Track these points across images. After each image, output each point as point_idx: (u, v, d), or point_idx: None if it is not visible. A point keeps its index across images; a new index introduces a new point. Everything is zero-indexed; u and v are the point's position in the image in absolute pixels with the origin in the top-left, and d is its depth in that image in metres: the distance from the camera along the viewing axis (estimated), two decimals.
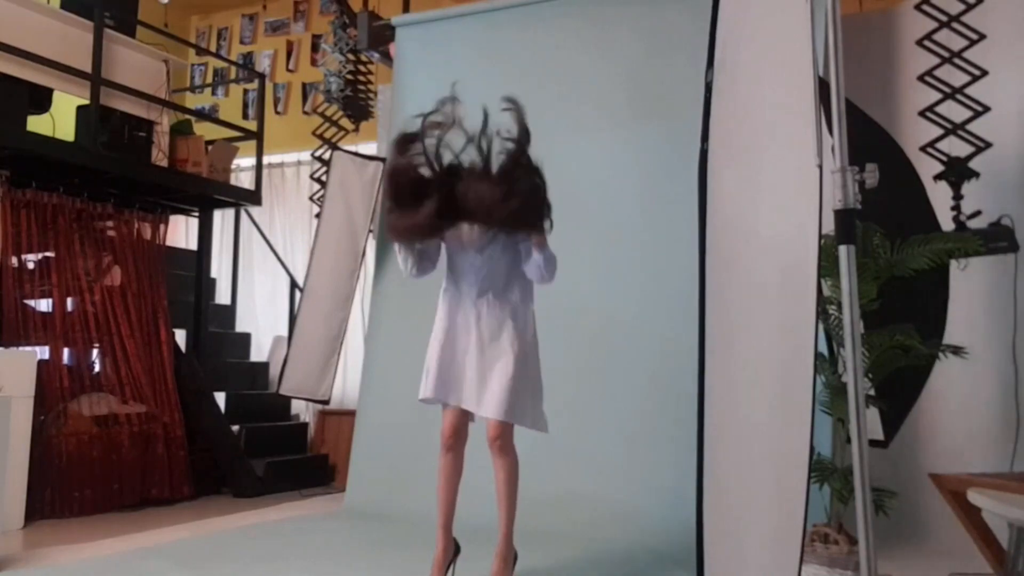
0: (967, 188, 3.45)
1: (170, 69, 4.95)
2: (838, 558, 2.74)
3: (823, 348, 3.04)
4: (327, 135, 5.20)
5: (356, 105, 5.03)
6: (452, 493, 2.72)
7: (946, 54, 3.48)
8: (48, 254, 4.35)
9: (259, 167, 5.53)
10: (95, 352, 4.49)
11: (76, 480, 4.07)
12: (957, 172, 3.44)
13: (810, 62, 1.82)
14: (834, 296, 2.91)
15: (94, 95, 4.34)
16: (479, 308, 2.65)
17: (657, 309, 3.77)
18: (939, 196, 3.70)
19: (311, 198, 5.41)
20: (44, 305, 4.35)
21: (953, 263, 3.44)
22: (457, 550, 2.78)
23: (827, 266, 2.63)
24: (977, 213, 3.42)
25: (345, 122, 5.17)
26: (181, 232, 6.66)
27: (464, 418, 2.72)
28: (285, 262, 6.35)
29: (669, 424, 3.53)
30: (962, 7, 3.46)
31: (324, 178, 4.81)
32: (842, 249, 1.76)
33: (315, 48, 7.08)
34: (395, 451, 4.18)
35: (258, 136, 5.53)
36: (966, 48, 3.45)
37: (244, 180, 6.06)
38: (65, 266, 4.35)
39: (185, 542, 3.49)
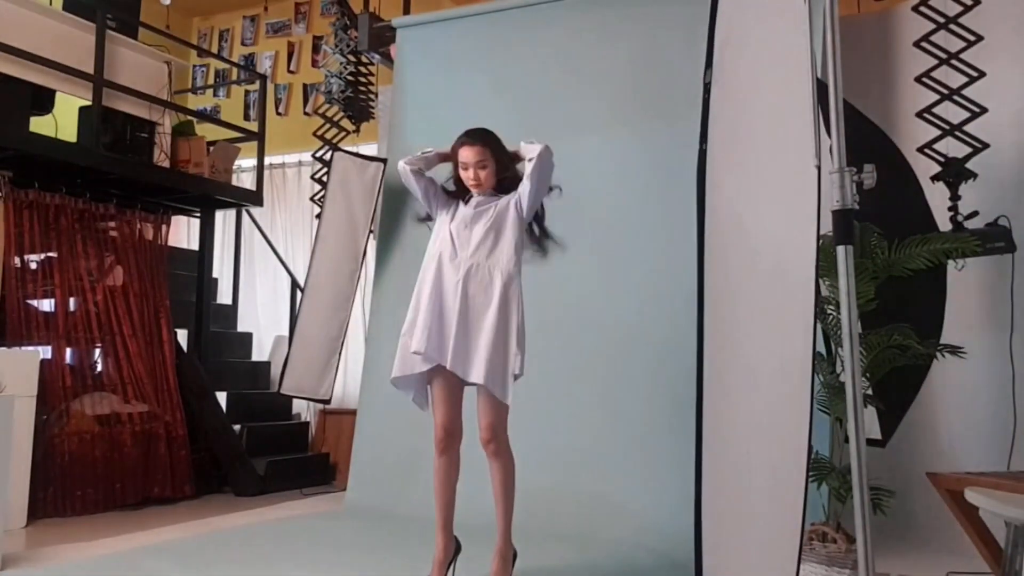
0: (964, 189, 3.46)
1: (172, 70, 4.97)
2: (836, 557, 2.76)
3: (821, 348, 3.06)
4: (328, 136, 5.21)
5: (357, 106, 5.04)
6: (450, 494, 2.73)
7: (943, 55, 3.49)
8: (51, 254, 4.36)
9: (260, 168, 5.55)
10: (97, 352, 4.51)
11: (78, 479, 4.09)
12: (954, 173, 3.45)
13: (808, 63, 1.84)
14: (832, 296, 2.92)
15: (96, 96, 4.35)
16: (470, 279, 2.65)
17: (657, 308, 3.78)
18: (937, 197, 3.72)
19: (312, 199, 5.42)
20: (47, 305, 4.37)
21: (950, 263, 3.45)
22: (458, 549, 2.79)
23: (825, 266, 2.64)
24: (974, 214, 3.43)
25: (346, 123, 5.19)
26: (183, 232, 6.68)
27: (456, 416, 2.72)
28: (286, 262, 6.36)
29: (668, 423, 3.55)
30: (959, 9, 3.48)
31: (325, 179, 4.83)
32: (840, 249, 1.78)
33: (316, 49, 7.09)
34: (395, 450, 4.19)
35: (259, 137, 5.55)
36: (963, 50, 3.46)
37: (245, 181, 6.08)
38: (67, 266, 4.37)
39: (186, 541, 3.50)
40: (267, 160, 5.88)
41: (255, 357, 6.23)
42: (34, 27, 4.17)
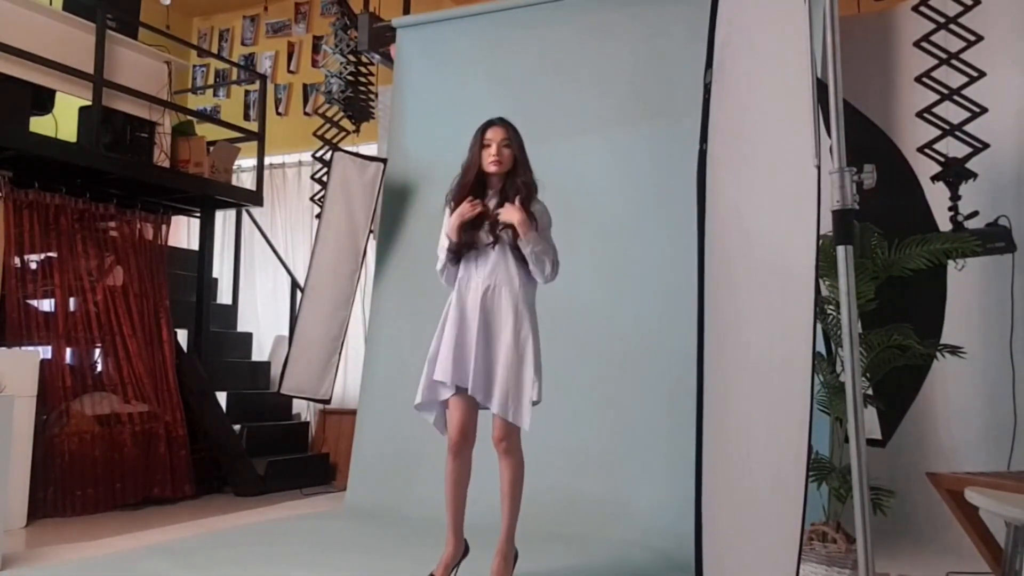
0: (965, 189, 3.46)
1: (172, 70, 4.97)
2: (836, 557, 2.75)
3: (821, 348, 3.06)
4: (328, 136, 5.21)
5: (357, 106, 5.04)
6: (461, 497, 2.72)
7: (944, 55, 3.49)
8: (51, 254, 4.36)
9: (260, 168, 5.55)
10: (97, 352, 4.51)
11: (78, 479, 4.09)
12: (955, 173, 3.45)
13: (808, 63, 1.83)
14: (832, 296, 2.92)
15: (96, 96, 4.35)
16: (488, 298, 2.68)
17: (657, 308, 3.78)
18: (937, 197, 3.72)
19: (312, 199, 5.42)
20: (47, 305, 4.37)
21: (951, 263, 3.45)
22: (466, 551, 2.78)
23: (825, 266, 2.63)
24: (974, 213, 3.43)
25: (346, 123, 5.18)
26: (183, 232, 6.69)
27: (472, 420, 2.71)
28: (286, 262, 6.36)
29: (668, 423, 3.55)
30: (959, 8, 3.48)
31: (325, 179, 4.83)
32: (840, 249, 1.78)
33: (316, 49, 7.09)
34: (395, 450, 4.19)
35: (259, 137, 5.55)
36: (964, 49, 3.46)
37: (245, 181, 6.09)
38: (67, 266, 4.37)
39: (186, 541, 3.50)
40: (267, 160, 5.88)
41: (255, 357, 6.23)
42: (34, 27, 4.16)
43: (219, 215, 5.70)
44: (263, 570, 3.02)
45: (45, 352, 4.20)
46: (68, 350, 4.35)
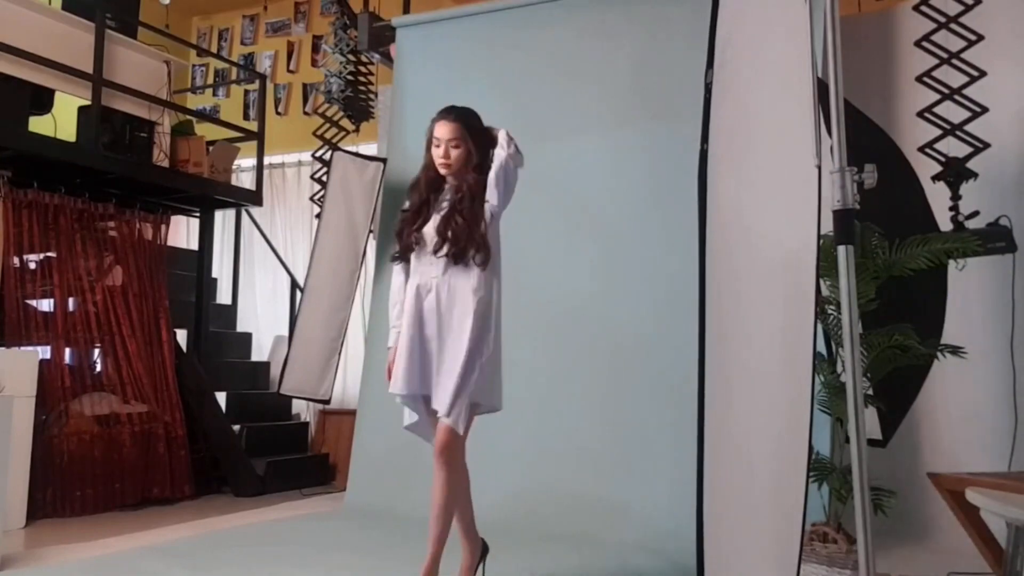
0: (965, 188, 3.45)
1: (171, 70, 4.96)
2: (837, 557, 2.75)
3: (822, 348, 3.05)
4: (328, 136, 5.21)
5: (357, 106, 5.03)
6: (463, 499, 2.64)
7: (944, 55, 3.49)
8: (50, 254, 4.35)
9: (260, 167, 5.55)
10: (96, 352, 4.50)
11: (77, 479, 4.09)
12: (955, 172, 3.45)
13: (809, 63, 1.83)
14: (833, 296, 2.91)
15: (95, 96, 4.35)
16: (440, 290, 2.52)
17: (658, 308, 3.78)
18: (937, 196, 3.72)
19: (312, 198, 5.42)
20: (46, 305, 4.37)
21: (951, 263, 3.44)
22: (485, 550, 2.72)
23: (826, 266, 2.63)
24: (975, 213, 3.43)
25: (346, 123, 5.18)
26: (182, 232, 6.68)
27: None
28: (286, 262, 6.36)
29: (669, 424, 3.54)
30: (960, 8, 3.47)
31: (325, 178, 4.82)
32: (841, 249, 1.77)
33: (316, 49, 7.09)
34: (395, 451, 4.18)
35: (259, 137, 5.54)
36: (964, 49, 3.46)
37: (245, 180, 6.08)
38: (67, 266, 4.37)
39: (186, 541, 3.50)
40: (267, 160, 5.87)
41: (255, 357, 6.22)
42: (33, 27, 4.16)
43: (218, 215, 5.70)
44: (263, 570, 3.01)
45: (44, 352, 4.19)
46: (67, 350, 4.35)
